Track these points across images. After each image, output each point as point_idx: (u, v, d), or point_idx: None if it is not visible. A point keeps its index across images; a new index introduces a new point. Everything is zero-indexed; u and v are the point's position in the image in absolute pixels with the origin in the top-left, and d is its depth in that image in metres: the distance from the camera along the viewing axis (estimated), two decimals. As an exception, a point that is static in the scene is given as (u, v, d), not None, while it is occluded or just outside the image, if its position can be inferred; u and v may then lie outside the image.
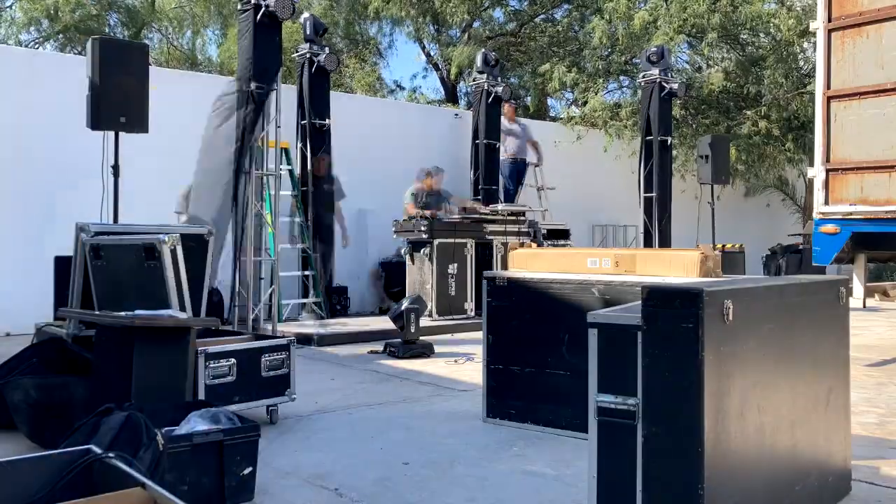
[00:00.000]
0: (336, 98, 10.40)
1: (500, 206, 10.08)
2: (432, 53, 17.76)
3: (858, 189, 6.56)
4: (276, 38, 7.47)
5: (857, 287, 10.26)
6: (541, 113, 17.25)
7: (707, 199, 12.25)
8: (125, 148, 6.71)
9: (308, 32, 9.75)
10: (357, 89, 16.28)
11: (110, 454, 2.27)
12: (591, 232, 13.77)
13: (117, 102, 6.37)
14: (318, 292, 9.50)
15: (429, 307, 8.73)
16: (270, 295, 7.48)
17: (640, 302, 2.39)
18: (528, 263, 4.71)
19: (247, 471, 3.17)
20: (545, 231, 10.51)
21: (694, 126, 14.46)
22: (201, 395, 4.05)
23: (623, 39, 13.38)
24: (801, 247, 12.77)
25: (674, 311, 2.34)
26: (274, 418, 4.43)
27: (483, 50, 12.33)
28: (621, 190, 13.35)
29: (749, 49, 14.72)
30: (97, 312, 4.23)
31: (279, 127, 7.52)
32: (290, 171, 9.39)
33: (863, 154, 6.54)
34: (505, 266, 9.16)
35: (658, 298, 2.37)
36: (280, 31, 7.56)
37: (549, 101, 18.62)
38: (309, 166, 9.60)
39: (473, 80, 12.04)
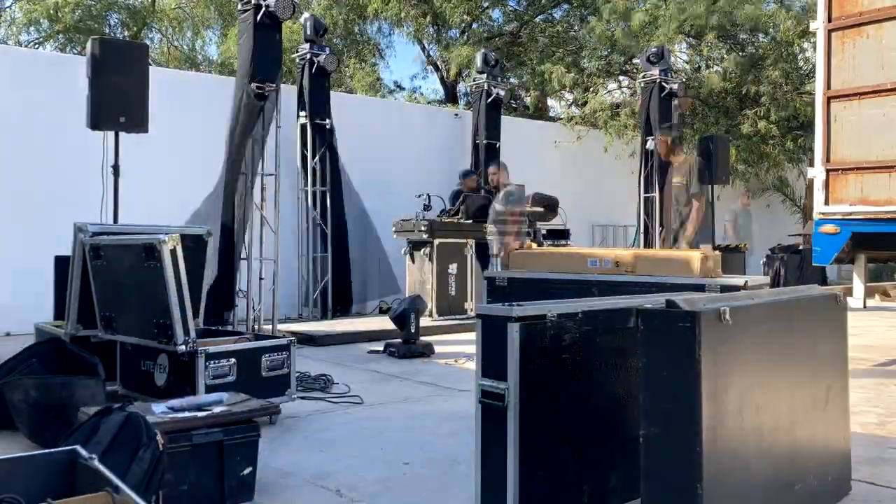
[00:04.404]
0: (336, 98, 10.40)
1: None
2: (432, 54, 17.76)
3: (858, 189, 6.56)
4: (277, 38, 7.47)
5: (857, 287, 10.27)
6: (541, 113, 17.24)
7: (707, 199, 12.23)
8: (125, 148, 6.71)
9: (308, 33, 9.76)
10: (357, 90, 16.27)
11: (92, 455, 2.28)
12: (591, 232, 13.77)
13: (117, 102, 6.37)
14: (319, 292, 9.51)
15: (429, 307, 8.74)
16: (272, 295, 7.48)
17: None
18: (528, 263, 4.71)
19: (247, 471, 3.17)
20: (545, 231, 10.51)
21: (694, 126, 14.45)
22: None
23: (621, 39, 13.39)
24: (801, 247, 12.76)
25: (671, 311, 2.35)
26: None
27: (483, 50, 12.33)
28: (621, 190, 13.34)
29: (749, 49, 14.72)
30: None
31: (279, 127, 7.52)
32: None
33: (863, 154, 6.53)
34: (505, 266, 9.15)
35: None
36: (280, 31, 7.56)
37: (549, 101, 18.61)
38: (310, 167, 9.60)
39: (473, 81, 12.04)
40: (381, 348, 7.09)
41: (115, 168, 6.57)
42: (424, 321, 7.44)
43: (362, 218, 10.62)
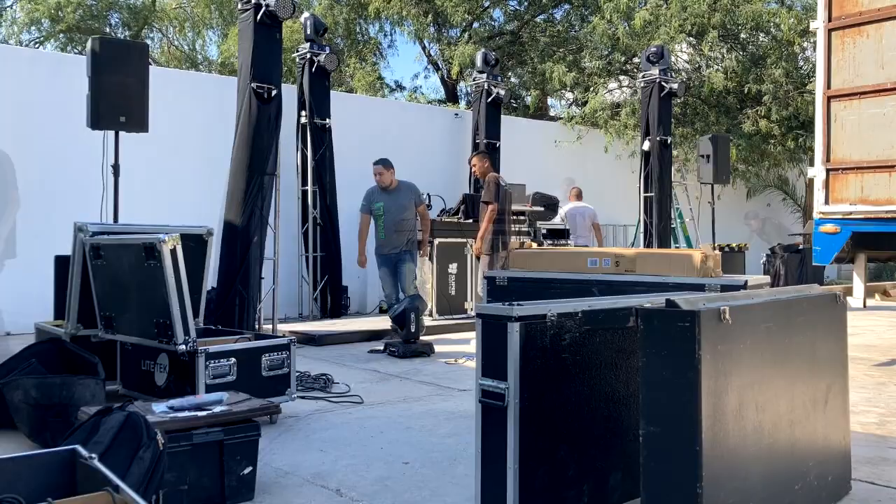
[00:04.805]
0: (336, 98, 10.40)
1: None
2: (432, 53, 17.75)
3: (858, 189, 6.57)
4: (277, 37, 7.47)
5: (858, 287, 10.27)
6: (541, 112, 17.24)
7: (707, 199, 12.26)
8: (125, 147, 6.71)
9: (308, 32, 9.76)
10: (357, 89, 16.26)
11: (92, 455, 2.28)
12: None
13: (117, 102, 6.37)
14: (318, 292, 9.51)
15: (429, 307, 8.74)
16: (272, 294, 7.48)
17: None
18: (528, 263, 4.71)
19: (247, 470, 3.17)
20: (545, 231, 10.51)
21: (695, 125, 14.45)
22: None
23: (623, 38, 13.39)
24: (801, 246, 12.77)
25: (671, 310, 2.35)
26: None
27: (483, 50, 12.34)
28: (621, 190, 13.35)
29: (750, 48, 14.72)
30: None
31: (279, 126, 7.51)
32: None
33: (863, 154, 6.54)
34: (505, 266, 9.16)
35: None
36: (280, 31, 7.56)
37: (550, 101, 18.60)
38: (310, 166, 9.62)
39: (473, 80, 12.04)
40: (381, 348, 7.10)
41: (115, 167, 6.58)
42: (424, 321, 7.43)
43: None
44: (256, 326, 7.21)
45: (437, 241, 8.97)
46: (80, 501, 2.14)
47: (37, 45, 18.50)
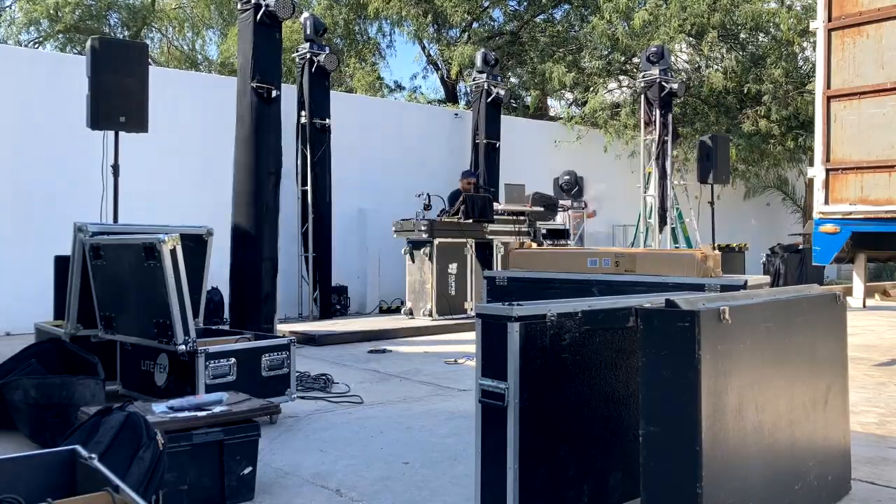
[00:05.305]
0: (336, 98, 10.41)
1: (500, 206, 10.08)
2: (432, 53, 17.75)
3: (858, 189, 6.57)
4: (277, 37, 7.48)
5: (857, 287, 10.27)
6: (541, 112, 17.23)
7: (707, 198, 12.26)
8: (125, 148, 6.71)
9: (308, 32, 9.76)
10: (357, 89, 16.26)
11: (92, 455, 2.28)
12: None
13: (117, 102, 6.37)
14: (317, 292, 9.51)
15: (429, 307, 8.75)
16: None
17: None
18: (528, 263, 4.72)
19: (247, 470, 3.17)
20: (545, 231, 10.52)
21: (695, 125, 14.46)
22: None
23: (623, 38, 13.39)
24: (801, 247, 12.77)
25: (671, 310, 2.35)
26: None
27: (483, 50, 12.34)
28: (621, 190, 13.36)
29: (749, 48, 14.72)
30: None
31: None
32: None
33: (863, 154, 6.54)
34: (505, 266, 9.16)
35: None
36: (280, 31, 7.56)
37: (549, 101, 18.60)
38: (310, 166, 9.62)
39: (473, 80, 12.04)
40: (381, 348, 7.09)
41: (115, 168, 6.58)
42: (424, 321, 7.45)
43: (361, 217, 10.60)
44: (275, 323, 7.23)
45: (437, 241, 8.97)
46: (80, 501, 2.14)
47: (36, 46, 18.50)
